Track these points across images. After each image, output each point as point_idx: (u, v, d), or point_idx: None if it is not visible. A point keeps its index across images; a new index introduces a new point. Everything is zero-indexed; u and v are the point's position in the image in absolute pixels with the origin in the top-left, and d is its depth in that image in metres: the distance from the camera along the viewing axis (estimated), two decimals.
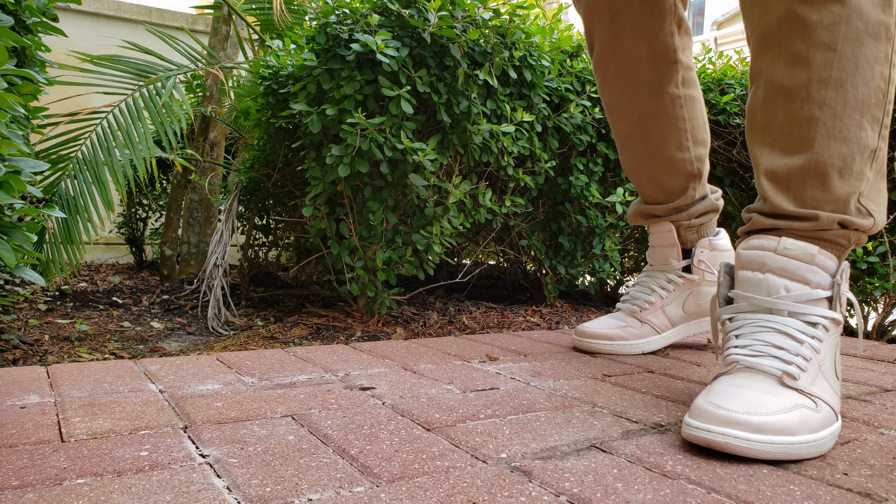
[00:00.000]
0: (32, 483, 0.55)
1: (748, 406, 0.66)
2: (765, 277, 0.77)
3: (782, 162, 0.81)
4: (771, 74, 0.82)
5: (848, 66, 0.78)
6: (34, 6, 1.08)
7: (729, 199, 2.06)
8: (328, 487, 0.56)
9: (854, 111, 0.79)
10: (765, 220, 0.82)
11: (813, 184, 0.80)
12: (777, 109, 0.82)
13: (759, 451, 0.64)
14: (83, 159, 1.85)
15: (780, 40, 0.81)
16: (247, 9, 2.52)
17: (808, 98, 0.79)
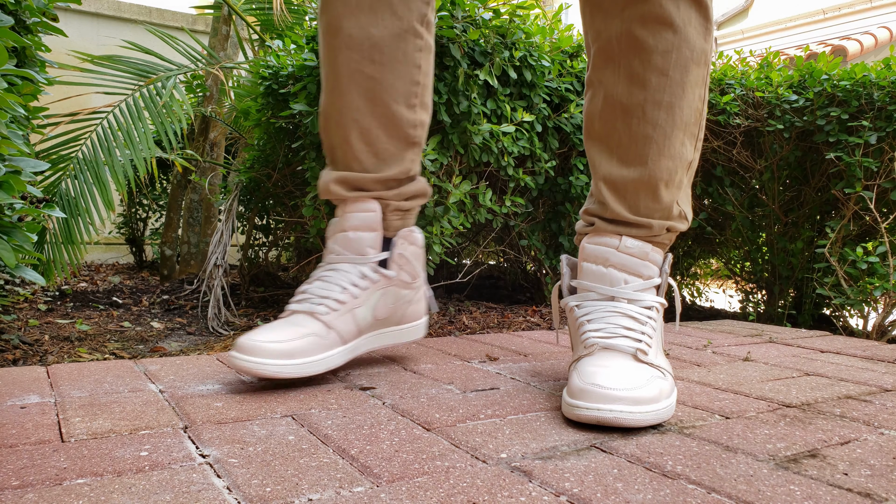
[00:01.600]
0: (32, 483, 0.55)
1: (622, 383, 0.74)
2: (608, 271, 0.87)
3: (620, 173, 0.90)
4: (611, 89, 0.89)
5: (677, 90, 0.87)
6: (34, 6, 1.08)
7: (729, 199, 2.06)
8: (328, 487, 0.56)
9: (679, 131, 0.88)
10: (607, 225, 0.91)
11: (645, 195, 0.89)
12: (616, 123, 0.89)
13: (641, 421, 0.73)
14: (83, 159, 1.85)
15: (620, 58, 0.87)
16: (247, 9, 2.52)
17: (643, 117, 0.87)
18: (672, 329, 1.32)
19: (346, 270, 0.94)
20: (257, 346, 0.83)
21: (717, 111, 1.96)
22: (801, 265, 2.01)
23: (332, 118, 0.97)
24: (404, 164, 0.97)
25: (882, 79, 1.77)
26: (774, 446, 0.70)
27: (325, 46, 0.95)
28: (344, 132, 0.95)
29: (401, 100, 0.95)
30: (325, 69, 0.96)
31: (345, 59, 0.93)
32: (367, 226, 0.95)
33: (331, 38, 0.94)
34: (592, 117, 0.92)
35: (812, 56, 5.68)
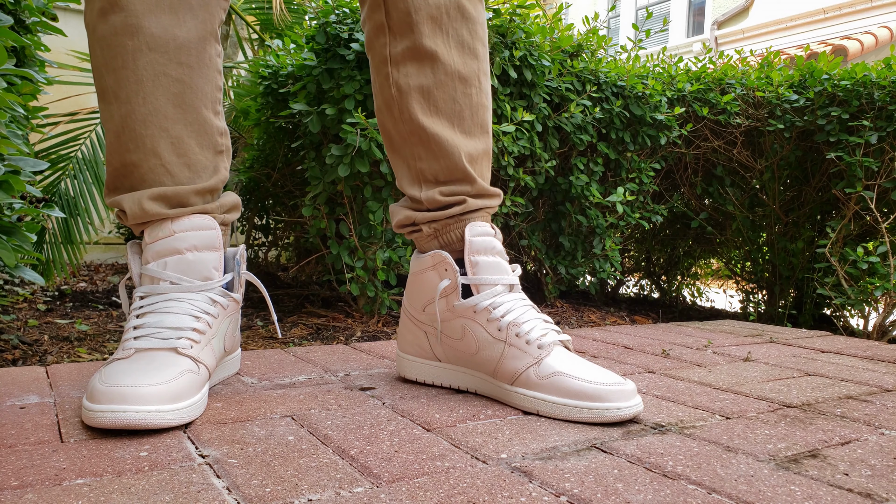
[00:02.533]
0: (32, 483, 0.55)
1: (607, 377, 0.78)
2: (502, 261, 0.88)
3: (472, 145, 0.90)
4: (447, 58, 0.88)
5: (488, 60, 0.93)
6: (34, 6, 1.08)
7: (729, 199, 2.06)
8: (328, 488, 0.56)
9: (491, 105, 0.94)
10: (476, 201, 0.90)
11: (488, 164, 0.93)
12: (457, 94, 0.88)
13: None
14: (83, 159, 1.85)
15: (450, 27, 0.87)
16: (246, 8, 2.52)
17: (479, 87, 0.89)
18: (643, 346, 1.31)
19: (191, 298, 0.80)
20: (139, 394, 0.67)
21: (718, 111, 1.96)
22: (802, 265, 2.01)
23: (132, 130, 0.82)
24: (220, 174, 0.88)
25: (882, 78, 1.77)
26: (775, 446, 0.69)
27: (119, 48, 0.81)
28: (151, 143, 0.82)
29: (209, 105, 0.87)
30: (117, 75, 0.82)
31: (148, 62, 0.81)
32: (209, 245, 0.83)
33: (127, 39, 0.81)
34: (429, 90, 0.87)
35: (812, 56, 5.68)
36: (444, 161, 0.88)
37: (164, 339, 0.76)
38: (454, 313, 0.87)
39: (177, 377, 0.71)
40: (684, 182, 2.08)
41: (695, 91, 1.96)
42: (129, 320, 0.78)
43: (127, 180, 0.83)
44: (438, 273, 0.88)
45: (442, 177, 0.89)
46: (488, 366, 0.84)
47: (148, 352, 0.74)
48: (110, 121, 0.83)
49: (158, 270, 0.80)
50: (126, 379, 0.68)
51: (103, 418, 0.66)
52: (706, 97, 1.96)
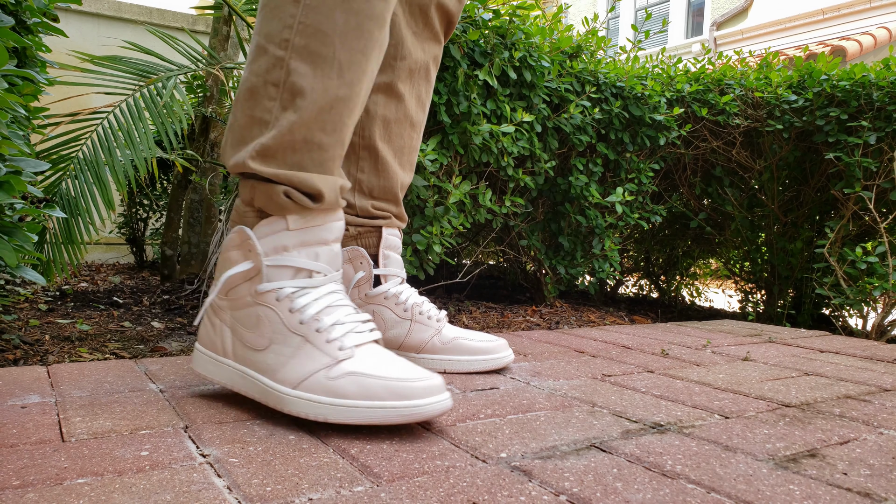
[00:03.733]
0: (33, 483, 0.55)
1: None
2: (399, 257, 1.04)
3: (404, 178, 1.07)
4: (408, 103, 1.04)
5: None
6: (35, 6, 1.08)
7: (728, 200, 2.06)
8: (328, 487, 0.56)
9: None
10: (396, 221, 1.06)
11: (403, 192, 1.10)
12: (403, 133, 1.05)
13: None
14: (84, 159, 1.85)
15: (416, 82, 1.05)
16: (247, 9, 2.52)
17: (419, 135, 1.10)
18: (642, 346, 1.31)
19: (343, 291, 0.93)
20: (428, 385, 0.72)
21: (717, 111, 1.96)
22: (801, 265, 2.01)
23: (338, 114, 0.78)
24: None
25: (881, 79, 1.78)
26: (774, 446, 0.70)
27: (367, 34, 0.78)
28: (346, 134, 0.80)
29: None
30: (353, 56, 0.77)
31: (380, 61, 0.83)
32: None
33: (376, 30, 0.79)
34: (388, 122, 1.02)
35: (811, 56, 5.69)
36: (384, 182, 1.03)
37: (370, 330, 0.78)
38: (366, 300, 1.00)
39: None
40: (683, 182, 2.08)
41: (694, 92, 1.96)
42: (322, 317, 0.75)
43: (298, 156, 0.77)
44: (354, 266, 1.01)
45: (377, 193, 1.03)
46: (395, 342, 1.00)
47: (374, 345, 0.76)
48: (318, 92, 0.76)
49: (306, 261, 0.77)
50: (411, 373, 0.70)
51: (433, 409, 0.69)
52: (705, 98, 1.96)
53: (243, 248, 0.77)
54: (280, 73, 0.76)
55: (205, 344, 0.82)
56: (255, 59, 0.78)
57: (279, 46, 0.76)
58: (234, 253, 0.79)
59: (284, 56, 0.75)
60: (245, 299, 0.77)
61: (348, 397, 0.69)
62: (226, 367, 0.79)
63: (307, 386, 0.71)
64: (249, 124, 0.78)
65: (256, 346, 0.76)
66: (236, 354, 0.78)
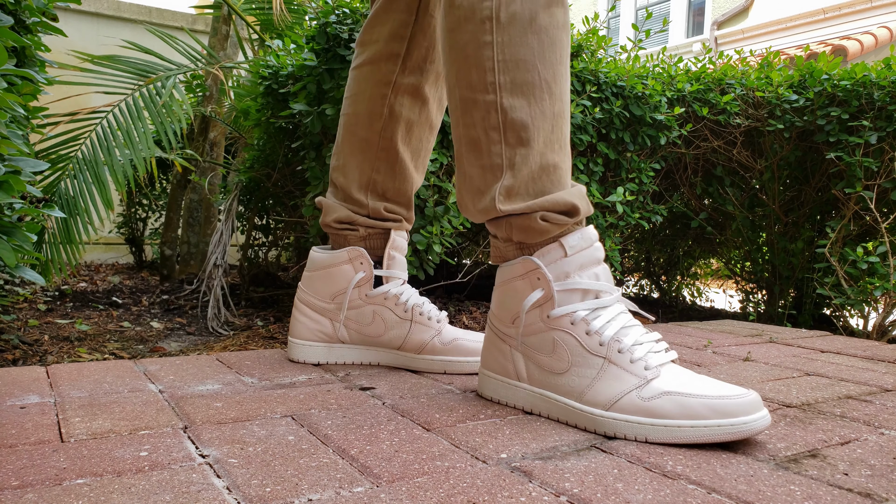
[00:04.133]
0: (32, 483, 0.55)
1: None
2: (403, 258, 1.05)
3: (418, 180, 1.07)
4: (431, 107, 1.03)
5: None
6: (34, 6, 1.08)
7: (729, 199, 2.06)
8: (328, 487, 0.56)
9: None
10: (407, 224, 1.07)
11: None
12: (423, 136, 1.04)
13: None
14: (83, 159, 1.85)
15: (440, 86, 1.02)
16: (247, 8, 2.52)
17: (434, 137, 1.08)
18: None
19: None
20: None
21: (718, 111, 1.96)
22: (802, 265, 2.01)
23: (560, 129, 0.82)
24: None
25: (882, 78, 1.77)
26: (775, 446, 0.70)
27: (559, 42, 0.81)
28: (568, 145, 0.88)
29: None
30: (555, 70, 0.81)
31: None
32: None
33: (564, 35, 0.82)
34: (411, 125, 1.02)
35: (812, 56, 5.68)
36: (400, 184, 1.02)
37: (665, 350, 0.77)
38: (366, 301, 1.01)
39: None
40: (684, 182, 2.08)
41: (694, 91, 1.96)
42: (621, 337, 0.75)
43: (539, 183, 0.79)
44: (353, 266, 1.01)
45: (390, 195, 1.02)
46: (395, 343, 1.00)
47: (674, 364, 0.76)
48: (538, 118, 0.78)
49: (592, 282, 0.78)
50: (727, 390, 0.71)
51: (758, 426, 0.69)
52: (706, 97, 1.96)
53: (530, 278, 0.79)
54: (496, 116, 0.78)
55: (494, 369, 0.84)
56: (466, 111, 0.80)
57: (487, 92, 0.78)
58: (519, 283, 0.80)
59: (495, 99, 0.78)
60: (537, 325, 0.79)
61: (669, 417, 0.70)
62: (521, 391, 0.81)
63: (620, 407, 0.72)
64: (482, 174, 0.81)
65: (555, 370, 0.78)
66: (532, 378, 0.80)
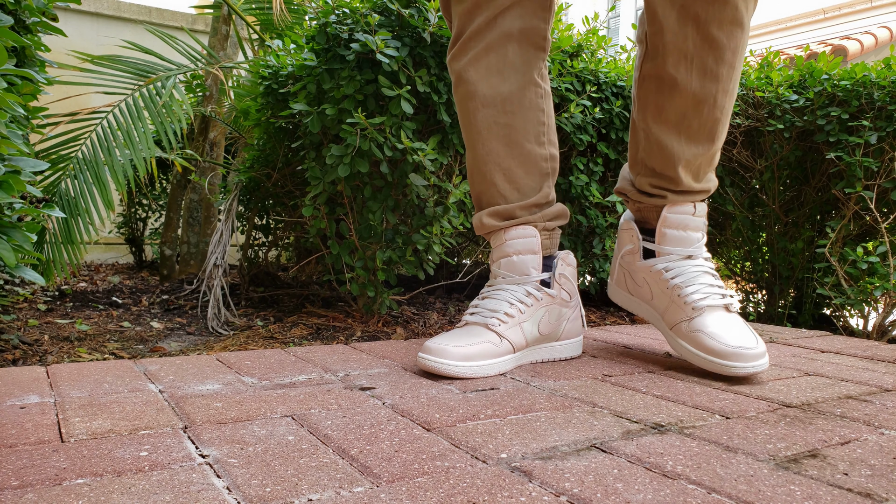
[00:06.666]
0: (32, 483, 0.55)
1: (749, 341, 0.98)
2: (687, 234, 1.07)
3: (691, 151, 1.04)
4: (685, 83, 1.00)
5: (736, 77, 1.02)
6: (34, 6, 1.08)
7: (729, 199, 2.05)
8: (328, 487, 0.56)
9: (727, 116, 1.04)
10: (678, 197, 1.08)
11: (707, 164, 1.07)
12: (688, 111, 1.02)
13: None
14: (83, 159, 1.85)
15: (695, 55, 0.98)
16: (247, 8, 2.52)
17: (715, 105, 1.01)
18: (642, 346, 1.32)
19: (512, 290, 1.07)
20: (442, 349, 0.96)
21: None
22: (802, 265, 2.01)
23: (476, 168, 1.11)
24: (543, 191, 1.11)
25: (882, 78, 1.77)
26: (775, 446, 0.70)
27: (464, 109, 1.10)
28: (489, 177, 1.10)
29: (532, 139, 1.10)
30: (467, 129, 1.11)
31: (483, 116, 1.08)
32: (528, 249, 1.07)
33: (469, 102, 1.09)
34: (664, 107, 1.03)
35: (812, 56, 5.68)
36: (660, 162, 1.06)
37: (484, 317, 1.03)
38: (637, 269, 1.13)
39: (476, 344, 0.98)
40: None
41: None
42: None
43: (477, 204, 1.14)
44: (626, 238, 1.15)
45: (654, 171, 1.08)
46: (659, 309, 1.10)
47: (469, 325, 1.04)
48: (468, 163, 1.13)
49: (495, 269, 1.09)
50: (446, 340, 0.98)
51: (423, 364, 0.97)
52: None
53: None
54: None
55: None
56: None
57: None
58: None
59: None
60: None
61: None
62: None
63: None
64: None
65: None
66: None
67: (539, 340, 1.08)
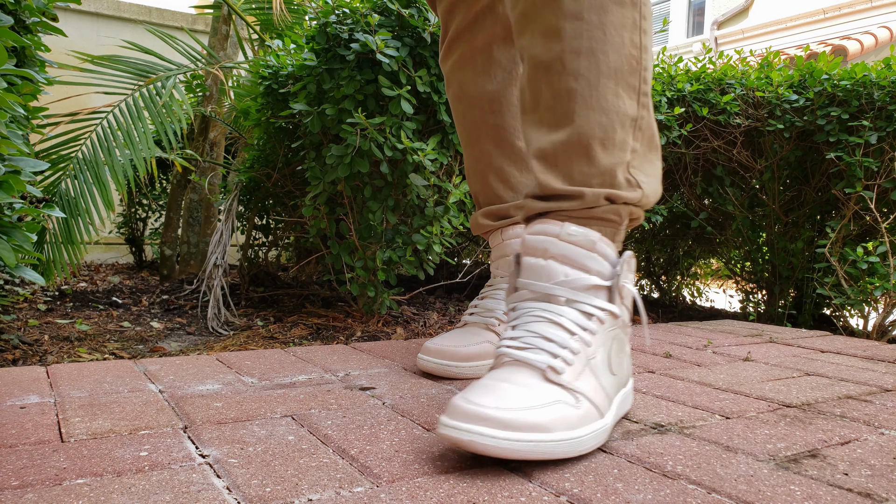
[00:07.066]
0: (32, 483, 0.55)
1: (500, 401, 0.62)
2: (547, 264, 0.73)
3: (549, 139, 0.79)
4: (532, 50, 0.80)
5: (596, 33, 0.77)
6: (34, 6, 1.08)
7: (729, 199, 2.06)
8: (328, 487, 0.56)
9: (608, 79, 0.77)
10: (536, 203, 0.79)
11: (579, 158, 0.77)
12: (540, 85, 0.80)
13: (505, 450, 0.59)
14: (83, 159, 1.85)
15: (535, 15, 0.80)
16: (246, 8, 2.52)
17: (564, 70, 0.77)
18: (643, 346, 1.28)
19: None
20: (442, 350, 0.96)
21: (718, 111, 1.96)
22: (802, 265, 2.01)
23: (471, 168, 1.09)
24: None
25: (882, 78, 1.77)
26: (775, 446, 0.70)
27: (455, 111, 1.10)
28: (483, 177, 1.07)
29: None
30: (459, 129, 1.10)
31: (472, 117, 1.06)
32: None
33: (457, 104, 1.08)
34: (523, 89, 0.83)
35: (812, 56, 5.68)
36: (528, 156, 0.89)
37: (483, 317, 1.03)
38: None
39: (476, 344, 0.97)
40: (684, 182, 2.08)
41: (694, 91, 1.96)
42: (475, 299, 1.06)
43: (476, 203, 1.11)
44: None
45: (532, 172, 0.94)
46: None
47: (469, 326, 1.03)
48: (465, 162, 1.11)
49: (494, 269, 1.08)
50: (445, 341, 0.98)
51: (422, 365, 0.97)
52: (706, 97, 1.96)
53: None
54: None
55: None
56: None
57: None
58: None
59: None
60: None
61: None
62: None
63: None
64: None
65: None
66: None
67: None
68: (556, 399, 0.64)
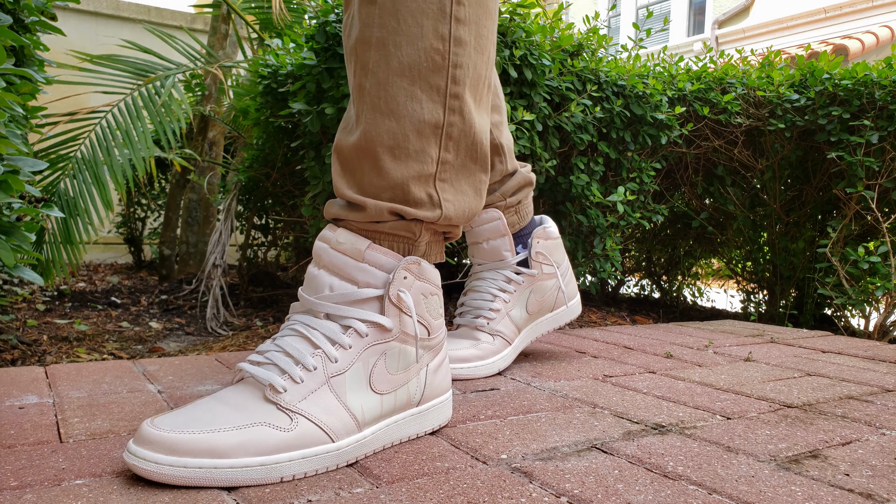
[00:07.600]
0: (31, 484, 0.55)
1: (186, 423, 0.56)
2: (318, 273, 0.67)
3: (346, 138, 0.69)
4: (344, 40, 0.72)
5: (388, 21, 0.65)
6: (33, 5, 1.08)
7: (730, 199, 2.05)
8: (327, 488, 0.56)
9: (400, 77, 0.66)
10: (332, 207, 0.71)
11: (368, 167, 0.68)
12: (350, 75, 0.71)
13: (171, 477, 0.54)
14: (82, 159, 1.85)
15: (349, 2, 0.71)
16: (246, 7, 2.52)
17: (357, 62, 0.68)
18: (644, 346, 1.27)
19: (492, 278, 1.03)
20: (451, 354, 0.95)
21: (719, 110, 1.96)
22: (803, 265, 2.01)
23: None
24: (495, 168, 1.00)
25: (883, 78, 1.77)
26: (776, 447, 0.69)
27: None
28: None
29: None
30: None
31: None
32: (496, 233, 1.02)
33: None
34: None
35: (813, 55, 5.68)
36: None
37: (472, 317, 1.02)
38: None
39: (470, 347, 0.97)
40: (685, 182, 2.07)
41: (695, 90, 1.95)
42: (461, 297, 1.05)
43: None
44: None
45: None
46: None
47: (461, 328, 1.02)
48: None
49: (471, 259, 1.06)
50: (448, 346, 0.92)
51: None
52: (707, 97, 1.96)
53: None
54: None
55: None
56: None
57: None
58: None
59: None
60: None
61: None
62: None
63: None
64: None
65: None
66: None
67: (532, 319, 1.05)
68: (259, 421, 0.58)
